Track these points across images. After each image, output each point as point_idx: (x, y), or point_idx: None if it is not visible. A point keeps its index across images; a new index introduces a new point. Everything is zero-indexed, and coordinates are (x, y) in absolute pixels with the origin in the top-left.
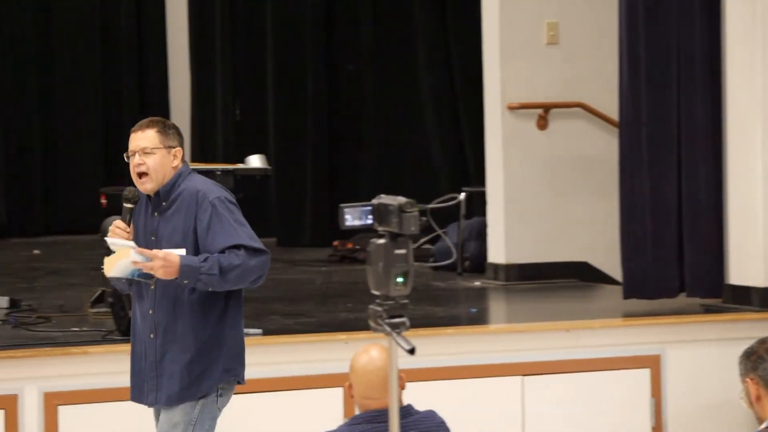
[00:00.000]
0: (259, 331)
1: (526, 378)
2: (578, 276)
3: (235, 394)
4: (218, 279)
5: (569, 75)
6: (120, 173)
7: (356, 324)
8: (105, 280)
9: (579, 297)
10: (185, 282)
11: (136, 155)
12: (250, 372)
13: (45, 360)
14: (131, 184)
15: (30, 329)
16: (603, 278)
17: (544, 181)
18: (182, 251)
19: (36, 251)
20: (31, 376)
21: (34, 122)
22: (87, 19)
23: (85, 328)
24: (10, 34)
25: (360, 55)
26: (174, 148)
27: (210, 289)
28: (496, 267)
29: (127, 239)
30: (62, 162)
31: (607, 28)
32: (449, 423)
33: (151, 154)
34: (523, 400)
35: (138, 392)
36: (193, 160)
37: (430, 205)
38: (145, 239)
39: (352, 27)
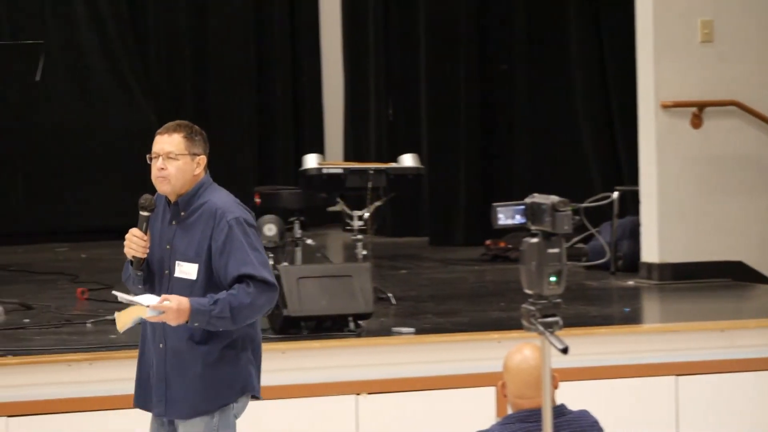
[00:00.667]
0: (412, 330)
1: (680, 378)
2: (732, 275)
3: (390, 392)
4: (229, 321)
5: (724, 73)
6: (272, 172)
7: (509, 323)
8: None
9: (733, 296)
10: (195, 324)
11: (160, 159)
12: (405, 370)
13: None
14: (286, 183)
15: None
16: (758, 278)
17: (698, 180)
18: (195, 267)
19: None
20: None
21: (189, 119)
22: (241, 20)
23: None
24: (166, 36)
25: (513, 55)
26: (198, 156)
27: (220, 329)
28: (650, 266)
29: (144, 248)
30: (217, 161)
31: (763, 27)
32: (602, 423)
33: (175, 160)
34: (677, 400)
35: (143, 399)
36: (346, 159)
37: (583, 204)
38: (160, 248)
39: (504, 27)
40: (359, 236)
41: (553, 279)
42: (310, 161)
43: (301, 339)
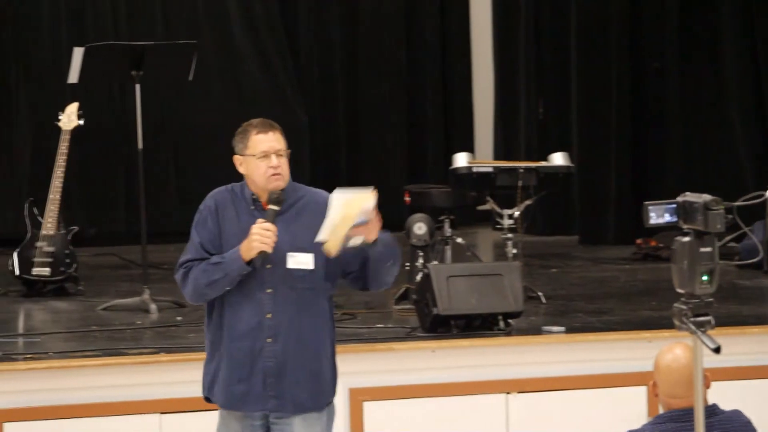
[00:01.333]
0: (562, 329)
1: None
2: None
3: (539, 391)
4: (394, 258)
5: None
6: (423, 171)
7: (660, 322)
8: (410, 278)
9: None
10: (375, 247)
11: (272, 157)
12: (555, 369)
13: (350, 356)
14: (436, 182)
15: (336, 326)
16: None
17: None
18: (310, 256)
19: None
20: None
21: (339, 120)
22: (392, 21)
23: (389, 325)
24: (318, 37)
25: (665, 53)
26: (288, 151)
27: (388, 264)
28: None
29: (274, 242)
30: (367, 160)
31: None
32: (756, 423)
33: (282, 156)
34: None
35: (241, 400)
36: (496, 157)
37: (736, 203)
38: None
39: (657, 24)
40: (509, 235)
41: (705, 278)
42: (460, 160)
43: (451, 337)
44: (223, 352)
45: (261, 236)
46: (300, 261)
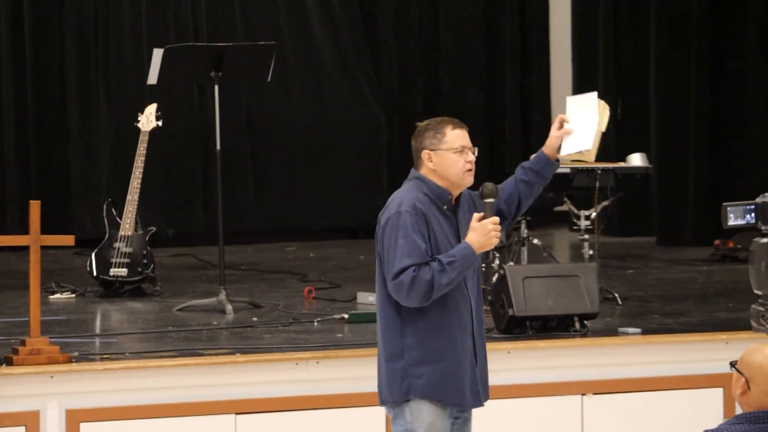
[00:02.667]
0: (639, 330)
1: None
2: None
3: (615, 393)
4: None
5: None
6: (501, 171)
7: (737, 324)
8: (486, 279)
9: None
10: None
11: (469, 152)
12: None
13: None
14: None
15: None
16: None
17: None
18: None
19: None
20: None
21: (418, 119)
22: (471, 20)
23: None
24: (396, 33)
25: (745, 52)
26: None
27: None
28: None
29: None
30: None
31: None
32: None
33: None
34: None
35: (461, 396)
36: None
37: None
38: (450, 243)
39: (737, 23)
40: (586, 236)
41: None
42: None
43: (527, 338)
44: (441, 352)
45: (495, 231)
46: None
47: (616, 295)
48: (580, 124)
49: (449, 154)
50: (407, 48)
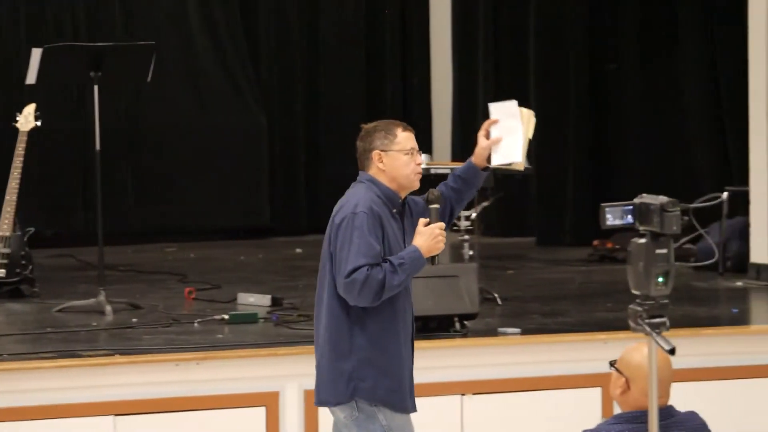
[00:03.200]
0: (518, 330)
1: None
2: None
3: (495, 393)
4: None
5: None
6: None
7: (616, 324)
8: None
9: None
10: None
11: (417, 154)
12: (510, 371)
13: (306, 358)
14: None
15: (292, 327)
16: None
17: None
18: None
19: (299, 250)
20: (292, 373)
21: (298, 122)
22: (352, 22)
23: None
24: (276, 36)
25: (622, 54)
26: None
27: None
28: (759, 267)
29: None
30: (325, 161)
31: None
32: (711, 424)
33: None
34: None
35: (405, 401)
36: (454, 159)
37: (693, 205)
38: (400, 247)
39: (614, 25)
40: (466, 236)
41: (660, 280)
42: None
43: None
44: (389, 356)
45: (442, 237)
46: None
47: (496, 295)
48: (506, 133)
49: (400, 156)
50: (288, 51)
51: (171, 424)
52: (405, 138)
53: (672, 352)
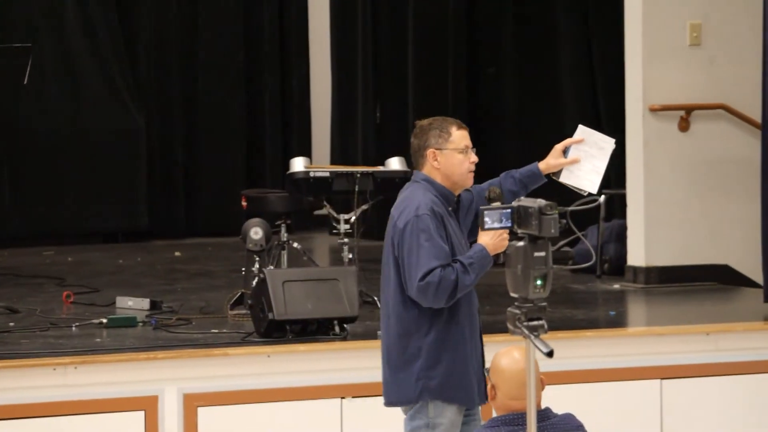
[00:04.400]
0: None
1: (665, 381)
2: (718, 279)
3: (374, 396)
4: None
5: (712, 76)
6: (260, 176)
7: (494, 327)
8: (245, 283)
9: (719, 300)
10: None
11: (472, 152)
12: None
13: (185, 361)
14: (274, 186)
15: (170, 331)
16: (744, 281)
17: (685, 184)
18: None
19: (177, 253)
20: (171, 377)
21: (177, 125)
22: (230, 24)
23: (224, 330)
24: (154, 38)
25: (501, 57)
26: None
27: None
28: (636, 270)
29: None
30: (204, 165)
31: (751, 30)
32: (587, 426)
33: None
34: (662, 403)
35: (471, 395)
36: (333, 162)
37: (570, 208)
38: (461, 245)
39: (493, 29)
40: (345, 240)
41: (538, 282)
42: (297, 164)
43: (287, 342)
44: (456, 353)
45: (507, 234)
46: None
47: (376, 298)
48: (585, 158)
49: (455, 154)
50: (166, 53)
51: (49, 429)
52: (459, 136)
53: (550, 354)
